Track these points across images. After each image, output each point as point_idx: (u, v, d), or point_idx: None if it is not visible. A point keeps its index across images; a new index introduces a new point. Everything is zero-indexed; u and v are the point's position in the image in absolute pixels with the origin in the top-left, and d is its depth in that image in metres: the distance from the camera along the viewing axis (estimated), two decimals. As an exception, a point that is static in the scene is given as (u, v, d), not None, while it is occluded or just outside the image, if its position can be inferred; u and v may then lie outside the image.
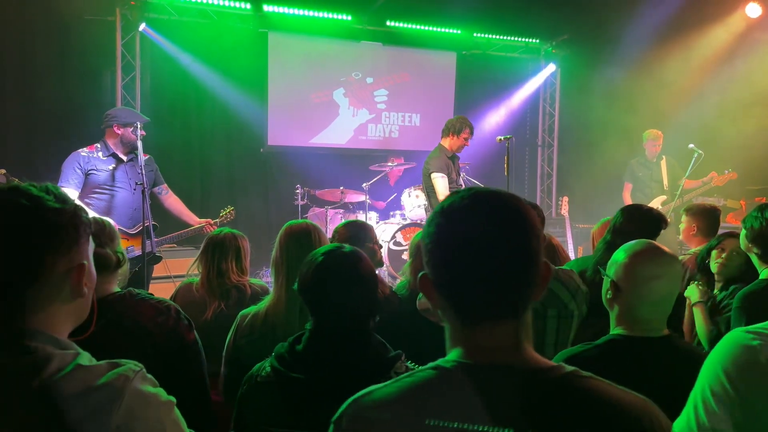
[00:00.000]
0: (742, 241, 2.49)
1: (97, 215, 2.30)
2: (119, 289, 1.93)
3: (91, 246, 1.15)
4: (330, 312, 1.55)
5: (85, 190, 4.16)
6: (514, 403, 0.85)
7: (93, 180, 4.15)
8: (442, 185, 5.17)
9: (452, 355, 0.92)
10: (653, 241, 1.67)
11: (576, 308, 2.25)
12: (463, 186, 5.21)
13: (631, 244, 1.66)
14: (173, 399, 1.08)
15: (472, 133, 5.24)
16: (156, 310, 1.86)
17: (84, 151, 4.19)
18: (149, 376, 1.07)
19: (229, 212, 4.72)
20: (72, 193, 4.09)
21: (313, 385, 1.47)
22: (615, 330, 1.65)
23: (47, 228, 1.03)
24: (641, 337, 1.60)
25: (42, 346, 1.00)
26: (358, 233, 2.81)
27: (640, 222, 2.60)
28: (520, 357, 0.90)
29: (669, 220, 5.84)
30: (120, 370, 1.02)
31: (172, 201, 4.57)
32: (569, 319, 2.01)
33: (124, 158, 4.25)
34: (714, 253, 2.81)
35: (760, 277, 2.42)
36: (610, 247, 2.46)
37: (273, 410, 1.52)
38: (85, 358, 1.04)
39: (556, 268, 2.33)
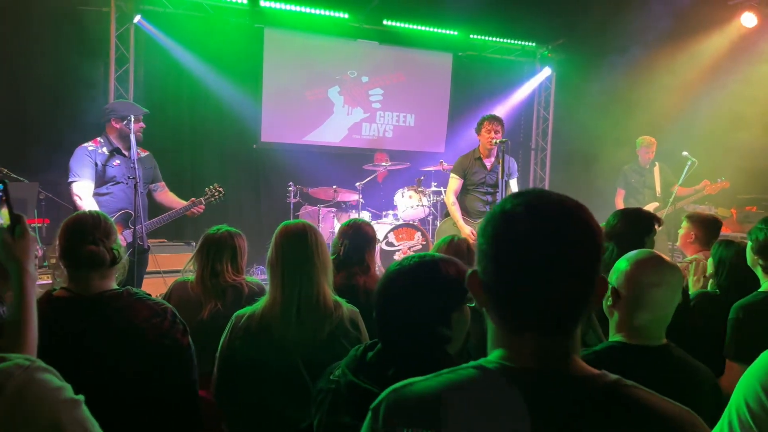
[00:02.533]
0: (748, 254, 2.49)
1: (95, 209, 2.27)
2: (117, 287, 1.90)
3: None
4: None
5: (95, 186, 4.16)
6: (555, 410, 0.84)
7: (100, 176, 4.14)
8: (450, 186, 5.26)
9: (494, 355, 0.91)
10: (655, 251, 1.69)
11: None
12: (499, 190, 5.12)
13: (634, 253, 1.67)
14: (80, 397, 1.02)
15: (492, 121, 5.05)
16: (152, 311, 1.84)
17: (90, 146, 4.17)
18: (50, 369, 1.01)
19: (214, 188, 4.57)
20: (88, 185, 4.07)
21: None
22: (614, 337, 1.66)
23: None
24: (640, 345, 1.60)
25: None
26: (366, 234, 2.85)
27: (633, 223, 2.60)
28: (563, 364, 0.89)
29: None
30: (4, 366, 0.97)
31: (165, 196, 4.56)
32: None
33: (126, 153, 4.20)
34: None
35: (761, 289, 2.40)
36: (607, 251, 2.46)
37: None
38: None
39: None
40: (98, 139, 4.23)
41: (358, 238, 2.89)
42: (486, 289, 0.91)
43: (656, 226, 2.64)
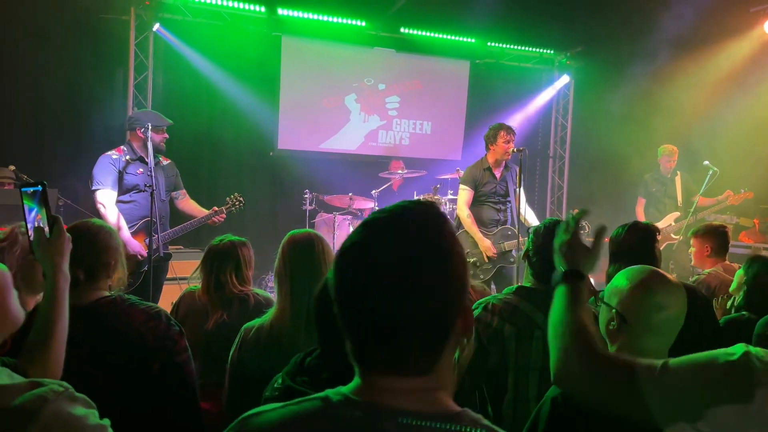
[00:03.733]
0: None
1: (98, 220, 2.27)
2: (109, 293, 1.90)
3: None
4: None
5: (118, 194, 4.22)
6: None
7: (124, 184, 4.20)
8: (460, 198, 5.16)
9: (347, 387, 0.85)
10: (656, 268, 1.57)
11: None
12: (510, 199, 5.09)
13: (635, 270, 1.55)
14: (105, 422, 1.04)
15: (509, 132, 5.03)
16: (146, 315, 1.85)
17: (114, 154, 4.24)
18: (79, 396, 1.03)
19: (234, 198, 4.64)
20: (110, 194, 4.14)
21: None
22: None
23: None
24: None
25: None
26: None
27: (639, 235, 2.53)
28: (416, 401, 0.80)
29: (681, 237, 5.76)
30: (38, 391, 0.99)
31: (186, 204, 4.64)
32: None
33: (152, 161, 4.25)
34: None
35: None
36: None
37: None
38: (4, 375, 1.00)
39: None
40: (122, 147, 4.31)
41: None
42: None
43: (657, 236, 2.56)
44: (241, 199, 4.67)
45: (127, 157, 4.23)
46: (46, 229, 1.51)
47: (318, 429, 0.82)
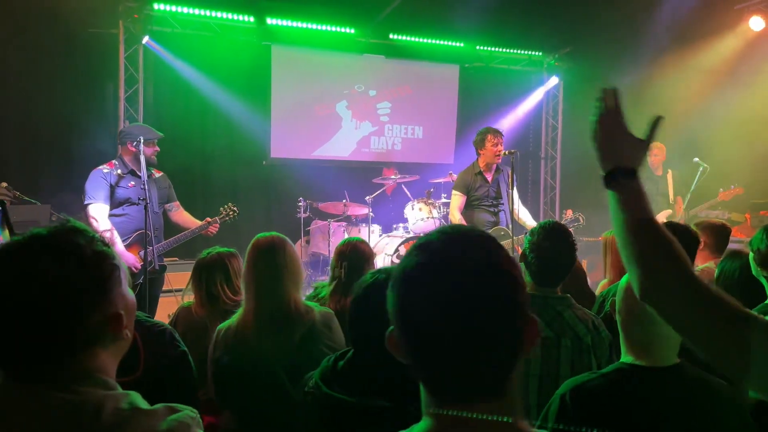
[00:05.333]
0: (752, 265, 2.44)
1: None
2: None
3: (125, 287, 1.12)
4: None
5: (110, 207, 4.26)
6: None
7: (116, 198, 4.25)
8: (452, 203, 5.22)
9: (421, 425, 0.82)
10: None
11: (592, 341, 2.12)
12: (503, 201, 5.10)
13: None
14: None
15: (496, 135, 5.07)
16: (149, 332, 1.81)
17: (105, 168, 4.30)
18: (200, 421, 1.06)
19: (228, 208, 4.69)
20: (102, 208, 4.19)
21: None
22: (624, 358, 1.59)
23: (89, 279, 1.02)
24: (648, 366, 1.52)
25: (93, 390, 0.99)
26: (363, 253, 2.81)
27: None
28: (497, 427, 0.79)
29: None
30: (180, 417, 1.01)
31: (180, 215, 4.67)
32: (586, 352, 1.94)
33: (144, 174, 4.29)
34: None
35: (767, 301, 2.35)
36: None
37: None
38: (140, 399, 1.02)
39: (576, 304, 2.24)
40: (113, 161, 4.36)
41: (357, 257, 2.83)
42: (406, 356, 0.83)
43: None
44: (234, 208, 4.70)
45: (119, 171, 4.29)
46: None
47: None
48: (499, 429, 0.79)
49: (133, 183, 4.29)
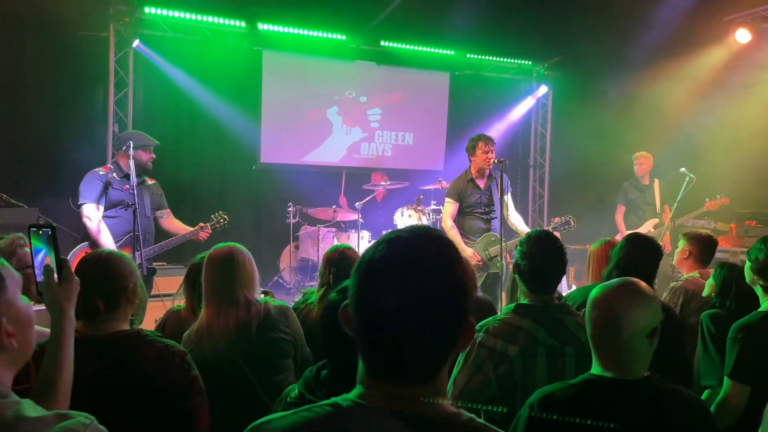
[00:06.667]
0: (747, 274, 2.48)
1: (109, 248, 2.33)
2: (128, 326, 1.88)
3: (13, 296, 1.10)
4: None
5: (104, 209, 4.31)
6: None
7: (110, 200, 4.30)
8: (444, 210, 5.23)
9: (353, 393, 0.92)
10: (631, 279, 1.62)
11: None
12: (495, 208, 5.11)
13: (608, 282, 1.63)
14: None
15: (488, 142, 5.10)
16: (159, 354, 1.80)
17: (101, 171, 4.37)
18: (101, 428, 1.03)
19: (219, 215, 4.77)
20: (96, 208, 4.23)
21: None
22: (593, 369, 1.61)
23: None
24: (616, 378, 1.55)
25: None
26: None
27: (642, 251, 2.58)
28: (419, 406, 0.88)
29: (662, 242, 5.86)
30: (68, 424, 0.98)
31: (170, 222, 4.78)
32: (589, 358, 1.96)
33: (137, 180, 4.38)
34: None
35: (761, 309, 2.39)
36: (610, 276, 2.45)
37: None
38: (29, 407, 0.99)
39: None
40: (109, 165, 4.45)
41: (345, 264, 2.82)
42: (351, 327, 0.94)
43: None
44: (225, 216, 4.79)
45: (114, 174, 4.37)
46: (55, 272, 1.49)
47: None
48: (421, 408, 0.88)
49: (127, 186, 4.35)
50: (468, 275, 0.92)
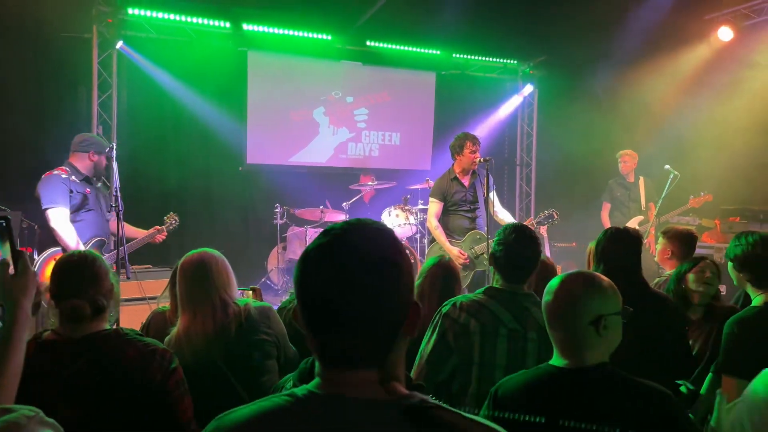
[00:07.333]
0: (732, 274, 2.49)
1: (91, 250, 2.30)
2: (108, 327, 1.89)
3: None
4: None
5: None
6: None
7: (73, 203, 4.19)
8: (429, 210, 5.21)
9: (311, 384, 0.94)
10: (587, 271, 1.68)
11: None
12: (480, 205, 5.12)
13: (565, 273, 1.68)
14: None
15: (475, 142, 5.11)
16: (138, 352, 1.81)
17: (63, 174, 4.23)
18: (49, 420, 1.02)
19: (170, 217, 4.77)
20: (64, 212, 4.12)
21: None
22: (553, 359, 1.65)
23: None
24: (569, 367, 1.58)
25: None
26: None
27: (619, 242, 2.60)
28: (372, 390, 0.91)
29: (645, 239, 5.90)
30: (10, 417, 0.97)
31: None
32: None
33: (95, 183, 4.39)
34: (692, 276, 2.81)
35: (753, 304, 2.41)
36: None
37: None
38: None
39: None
40: (64, 168, 4.28)
41: None
42: (300, 323, 0.96)
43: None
44: (176, 217, 4.79)
45: (73, 176, 4.25)
46: (11, 266, 1.46)
47: (287, 422, 0.90)
48: (373, 391, 0.90)
49: (89, 189, 4.28)
50: (403, 257, 0.94)
